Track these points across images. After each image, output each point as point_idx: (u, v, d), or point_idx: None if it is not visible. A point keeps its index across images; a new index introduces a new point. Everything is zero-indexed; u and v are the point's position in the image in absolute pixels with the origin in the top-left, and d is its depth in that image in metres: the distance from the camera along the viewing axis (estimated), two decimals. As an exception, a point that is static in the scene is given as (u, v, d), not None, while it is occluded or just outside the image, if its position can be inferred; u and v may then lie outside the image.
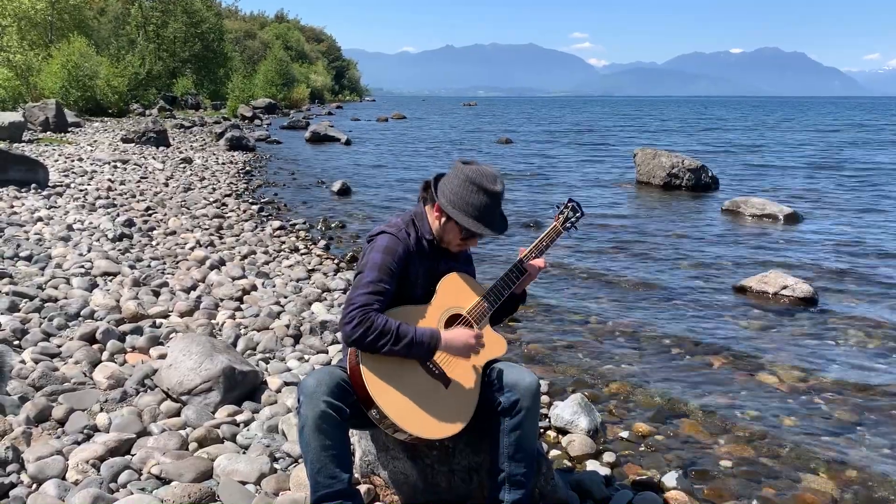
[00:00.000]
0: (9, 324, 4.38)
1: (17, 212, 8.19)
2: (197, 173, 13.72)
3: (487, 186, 2.55)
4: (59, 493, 2.71)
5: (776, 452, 3.67)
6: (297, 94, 60.43)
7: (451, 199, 2.56)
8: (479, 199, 2.55)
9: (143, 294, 5.32)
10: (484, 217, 2.57)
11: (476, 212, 2.56)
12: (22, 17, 35.30)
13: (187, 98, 44.63)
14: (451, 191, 2.58)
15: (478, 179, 2.55)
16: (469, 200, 2.55)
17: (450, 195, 2.57)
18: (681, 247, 8.74)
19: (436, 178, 2.70)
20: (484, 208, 2.56)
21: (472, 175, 2.56)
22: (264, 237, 8.24)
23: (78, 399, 3.53)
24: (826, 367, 4.89)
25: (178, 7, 51.20)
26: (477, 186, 2.55)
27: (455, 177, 2.59)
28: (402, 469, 2.78)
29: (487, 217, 2.58)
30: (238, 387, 3.70)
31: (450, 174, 2.64)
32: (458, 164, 2.63)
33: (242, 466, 2.97)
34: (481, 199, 2.55)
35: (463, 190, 2.55)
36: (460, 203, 2.55)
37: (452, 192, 2.57)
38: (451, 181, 2.60)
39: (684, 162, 14.05)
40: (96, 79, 31.87)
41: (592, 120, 48.00)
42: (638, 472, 3.44)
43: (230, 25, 69.87)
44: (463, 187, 2.55)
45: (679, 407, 4.21)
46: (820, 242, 8.99)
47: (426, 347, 2.47)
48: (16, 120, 17.29)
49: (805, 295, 6.28)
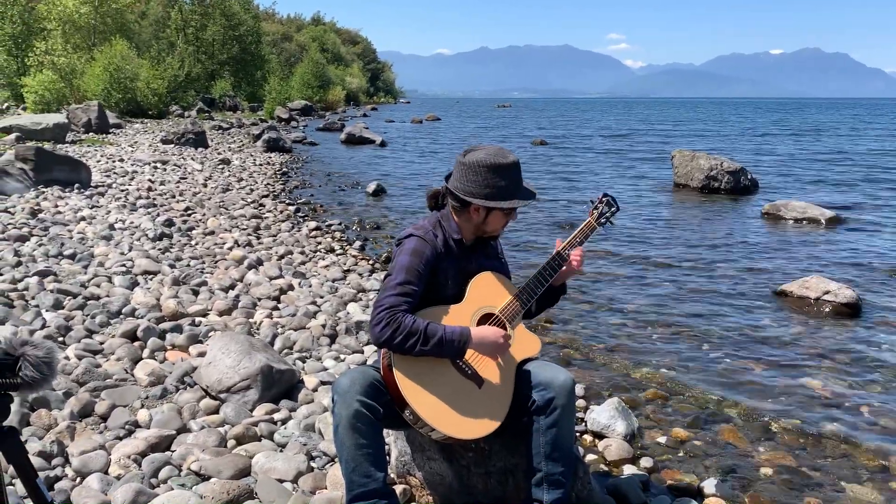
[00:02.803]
0: (53, 321, 4.48)
1: (62, 211, 8.39)
2: (235, 174, 13.90)
3: (504, 162, 2.57)
4: (102, 487, 2.76)
5: (818, 461, 3.59)
6: (333, 96, 60.93)
7: (482, 192, 2.56)
8: (505, 179, 2.57)
9: (183, 293, 5.40)
10: (518, 191, 2.62)
11: (509, 191, 2.58)
12: (66, 21, 36.08)
13: (225, 100, 45.23)
14: (474, 184, 2.56)
15: (492, 161, 2.55)
16: (497, 185, 2.56)
17: (476, 189, 2.56)
18: (720, 250, 8.61)
19: (446, 180, 2.70)
20: (513, 184, 2.60)
21: (484, 161, 2.56)
22: (301, 238, 8.31)
23: (120, 395, 3.59)
24: (870, 373, 4.78)
25: (216, 10, 51.96)
26: (496, 167, 2.55)
27: (471, 170, 2.57)
28: (438, 470, 2.77)
29: (520, 189, 2.63)
30: (275, 385, 3.74)
31: (462, 170, 2.60)
32: (462, 158, 2.61)
33: (280, 464, 2.99)
34: (507, 178, 2.58)
35: (486, 178, 2.55)
36: (493, 192, 2.56)
37: (477, 184, 2.56)
38: (469, 175, 2.57)
39: (723, 164, 13.84)
40: (137, 81, 32.47)
41: (629, 121, 47.57)
42: (676, 478, 3.39)
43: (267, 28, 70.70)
44: (485, 175, 2.55)
45: (718, 412, 4.15)
46: (863, 247, 8.78)
47: (456, 346, 2.46)
48: (60, 121, 17.74)
49: (848, 300, 6.13)
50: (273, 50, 67.17)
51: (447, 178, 2.70)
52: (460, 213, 2.66)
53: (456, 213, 2.68)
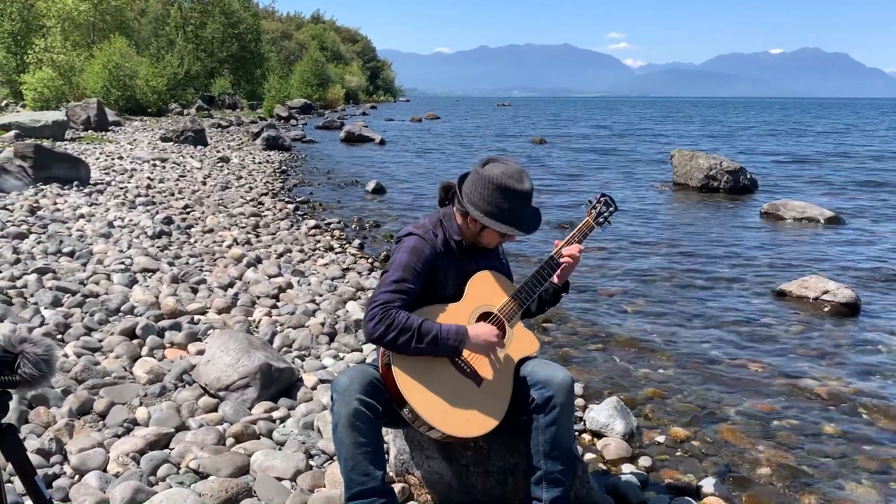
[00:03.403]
0: (52, 318, 4.48)
1: (60, 209, 8.38)
2: (234, 172, 13.89)
3: (516, 187, 2.53)
4: (101, 484, 2.76)
5: (817, 460, 3.60)
6: (332, 95, 60.85)
7: (484, 208, 2.53)
8: (512, 203, 2.54)
9: (182, 290, 5.40)
10: (518, 220, 2.57)
11: (509, 217, 2.54)
12: (65, 19, 36.03)
13: (225, 98, 45.19)
14: (480, 198, 2.54)
15: (505, 182, 2.51)
16: (501, 206, 2.53)
17: (480, 203, 2.54)
18: (719, 250, 8.61)
19: (460, 180, 2.69)
20: (518, 211, 2.56)
21: (498, 179, 2.52)
22: (300, 236, 8.31)
23: (118, 393, 3.59)
24: (868, 373, 4.78)
25: (216, 8, 51.88)
26: (506, 190, 2.52)
27: (481, 182, 2.54)
28: (437, 469, 2.77)
29: (523, 218, 2.58)
30: (274, 383, 3.74)
31: (474, 178, 2.58)
32: (480, 168, 2.59)
33: (278, 463, 2.99)
34: (514, 203, 2.54)
35: (493, 196, 2.52)
36: (494, 211, 2.53)
37: (482, 199, 2.54)
38: (478, 187, 2.55)
39: (722, 164, 13.84)
40: (136, 78, 32.46)
41: (628, 120, 47.56)
42: (674, 477, 3.40)
43: (267, 26, 70.62)
44: (493, 193, 2.52)
45: (717, 412, 4.15)
46: (863, 246, 8.79)
47: (452, 343, 2.45)
48: (59, 119, 17.73)
49: (847, 300, 6.14)
50: (272, 48, 67.12)
51: (462, 178, 2.69)
52: (463, 216, 2.66)
53: (460, 214, 2.67)
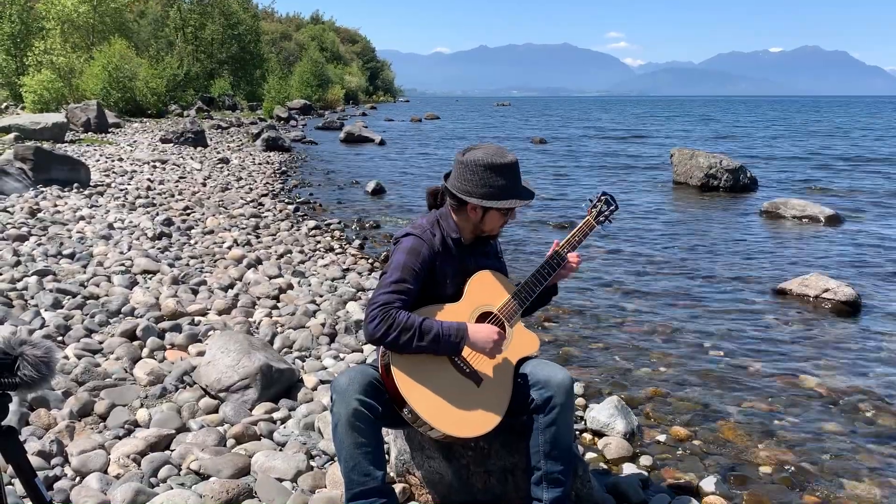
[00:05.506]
0: (53, 320, 4.48)
1: (61, 210, 8.38)
2: (234, 173, 13.90)
3: (503, 161, 2.56)
4: (102, 486, 2.76)
5: (818, 459, 3.59)
6: (332, 95, 60.88)
7: (479, 192, 2.55)
8: (503, 178, 2.56)
9: (182, 292, 5.40)
10: (516, 191, 2.60)
11: (507, 191, 2.57)
12: (65, 21, 36.04)
13: (224, 99, 45.18)
14: (472, 184, 2.55)
15: (491, 160, 2.54)
16: (495, 184, 2.55)
17: (475, 189, 2.55)
18: (719, 248, 8.61)
19: (444, 179, 2.70)
20: (511, 184, 2.58)
21: (484, 160, 2.54)
22: (300, 237, 8.31)
23: (119, 394, 3.59)
24: (869, 372, 4.78)
25: (215, 9, 51.91)
26: (495, 167, 2.54)
27: (469, 169, 2.56)
28: (438, 469, 2.77)
29: (518, 189, 2.61)
30: (275, 384, 3.74)
31: (460, 169, 2.60)
32: (461, 157, 2.60)
33: (279, 463, 2.99)
34: (506, 177, 2.56)
35: (485, 177, 2.54)
36: (491, 192, 2.55)
37: (475, 184, 2.55)
38: (467, 174, 2.56)
39: (722, 162, 13.84)
40: (136, 80, 32.43)
41: (628, 119, 47.55)
42: (675, 476, 3.40)
43: (266, 27, 70.63)
44: (483, 175, 2.54)
45: (717, 411, 4.15)
46: (863, 245, 8.79)
47: (453, 341, 2.45)
48: (59, 121, 17.73)
49: (847, 298, 6.14)
50: (272, 49, 67.14)
51: (446, 177, 2.70)
52: (458, 211, 2.66)
53: (454, 211, 2.67)
